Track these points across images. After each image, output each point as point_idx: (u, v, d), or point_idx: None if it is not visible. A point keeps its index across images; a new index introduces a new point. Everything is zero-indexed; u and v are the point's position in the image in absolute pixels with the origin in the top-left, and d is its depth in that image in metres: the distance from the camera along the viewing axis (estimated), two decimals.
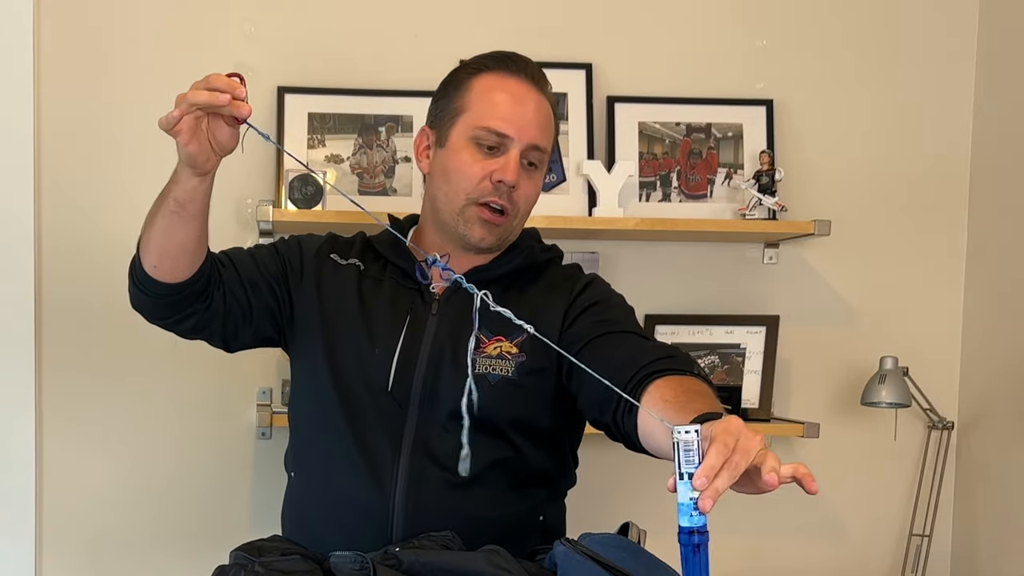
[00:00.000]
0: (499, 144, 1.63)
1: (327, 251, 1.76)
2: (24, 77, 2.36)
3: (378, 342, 1.65)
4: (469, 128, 1.64)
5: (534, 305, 1.66)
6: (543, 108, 1.67)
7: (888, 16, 2.55)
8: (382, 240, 1.76)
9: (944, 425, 2.52)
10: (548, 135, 1.67)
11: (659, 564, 1.50)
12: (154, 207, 1.61)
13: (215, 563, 1.52)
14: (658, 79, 2.51)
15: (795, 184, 2.50)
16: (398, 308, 1.67)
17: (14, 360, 2.38)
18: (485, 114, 1.64)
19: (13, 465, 2.39)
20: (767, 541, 2.59)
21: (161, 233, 1.59)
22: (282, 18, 2.44)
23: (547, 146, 1.67)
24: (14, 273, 2.38)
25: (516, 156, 1.63)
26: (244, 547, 1.55)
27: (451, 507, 1.60)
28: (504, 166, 1.62)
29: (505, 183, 1.62)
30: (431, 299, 1.68)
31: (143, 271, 1.64)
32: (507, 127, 1.62)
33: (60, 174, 2.40)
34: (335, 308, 1.70)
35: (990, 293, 2.52)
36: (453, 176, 1.66)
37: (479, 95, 1.65)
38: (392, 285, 1.70)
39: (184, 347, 2.40)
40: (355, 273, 1.72)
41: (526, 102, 1.64)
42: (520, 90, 1.65)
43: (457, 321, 1.64)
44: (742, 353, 2.50)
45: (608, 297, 1.71)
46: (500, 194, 1.63)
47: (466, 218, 1.66)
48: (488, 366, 1.62)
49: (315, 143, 2.41)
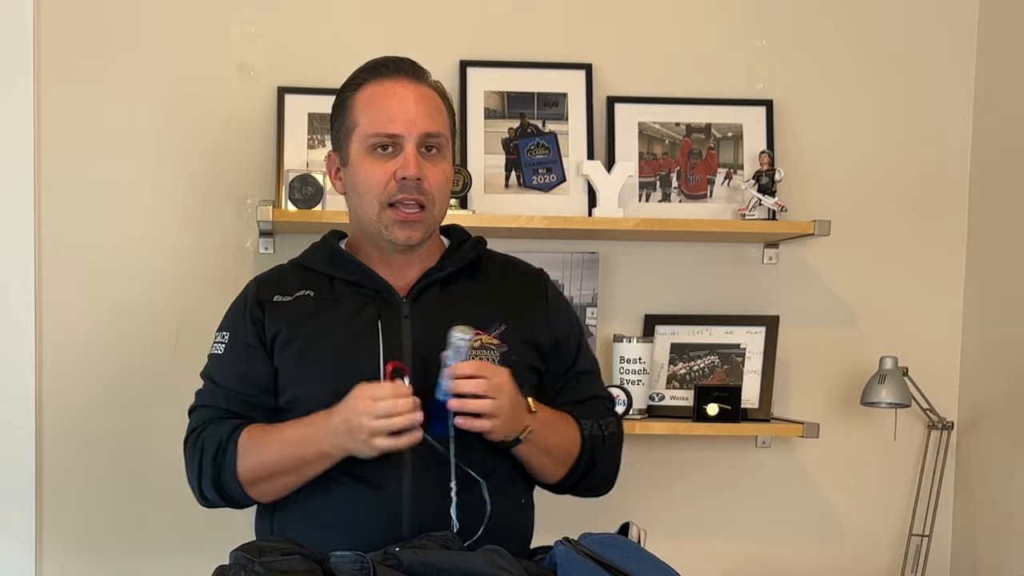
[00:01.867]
0: (393, 143, 1.68)
1: (267, 297, 1.77)
2: (24, 77, 2.36)
3: (357, 353, 1.67)
4: (363, 140, 1.70)
5: (511, 303, 1.75)
6: (425, 97, 1.70)
7: (888, 16, 2.55)
8: (318, 259, 1.79)
9: (944, 425, 2.52)
10: (438, 119, 1.71)
11: (659, 564, 1.50)
12: (274, 462, 1.68)
13: (215, 563, 1.52)
14: (658, 79, 2.51)
15: (795, 184, 2.49)
16: (365, 317, 1.70)
17: (14, 360, 2.38)
18: (373, 122, 1.69)
19: (13, 465, 2.39)
20: (767, 541, 2.59)
21: (283, 487, 1.70)
22: (282, 18, 2.44)
23: (440, 129, 1.70)
24: (14, 273, 2.38)
25: (412, 150, 1.67)
26: (244, 547, 1.54)
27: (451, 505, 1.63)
28: (404, 163, 1.66)
29: (409, 178, 1.66)
30: (398, 301, 1.71)
31: (246, 496, 1.73)
32: (395, 126, 1.67)
33: (60, 173, 2.40)
34: (305, 340, 1.71)
35: (990, 293, 2.52)
36: (361, 188, 1.70)
37: (363, 107, 1.70)
38: (349, 298, 1.73)
39: (184, 347, 2.42)
40: (309, 301, 1.74)
41: (406, 98, 1.68)
42: (398, 89, 1.69)
43: (431, 319, 1.69)
44: (742, 353, 2.50)
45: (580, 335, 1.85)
46: (408, 190, 1.67)
47: (384, 223, 1.69)
48: (474, 357, 1.64)
49: (315, 143, 2.41)
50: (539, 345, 1.75)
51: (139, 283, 2.43)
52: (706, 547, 2.56)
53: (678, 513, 2.55)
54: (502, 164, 2.45)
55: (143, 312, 2.43)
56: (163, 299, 2.43)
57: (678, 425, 2.39)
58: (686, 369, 2.50)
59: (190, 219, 2.43)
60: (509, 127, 2.46)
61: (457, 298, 1.73)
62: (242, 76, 2.43)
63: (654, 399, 2.47)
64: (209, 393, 1.79)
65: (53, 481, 2.43)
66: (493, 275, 1.80)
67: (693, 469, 2.56)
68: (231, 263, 2.43)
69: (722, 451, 2.57)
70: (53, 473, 2.43)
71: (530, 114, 2.47)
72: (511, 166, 2.46)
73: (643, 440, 2.45)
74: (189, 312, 2.42)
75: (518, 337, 1.71)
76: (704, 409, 2.37)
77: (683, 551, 1.71)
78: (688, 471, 2.56)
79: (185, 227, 2.43)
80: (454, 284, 1.75)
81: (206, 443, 1.73)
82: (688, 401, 2.44)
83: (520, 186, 2.46)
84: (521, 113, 2.47)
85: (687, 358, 2.50)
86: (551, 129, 2.47)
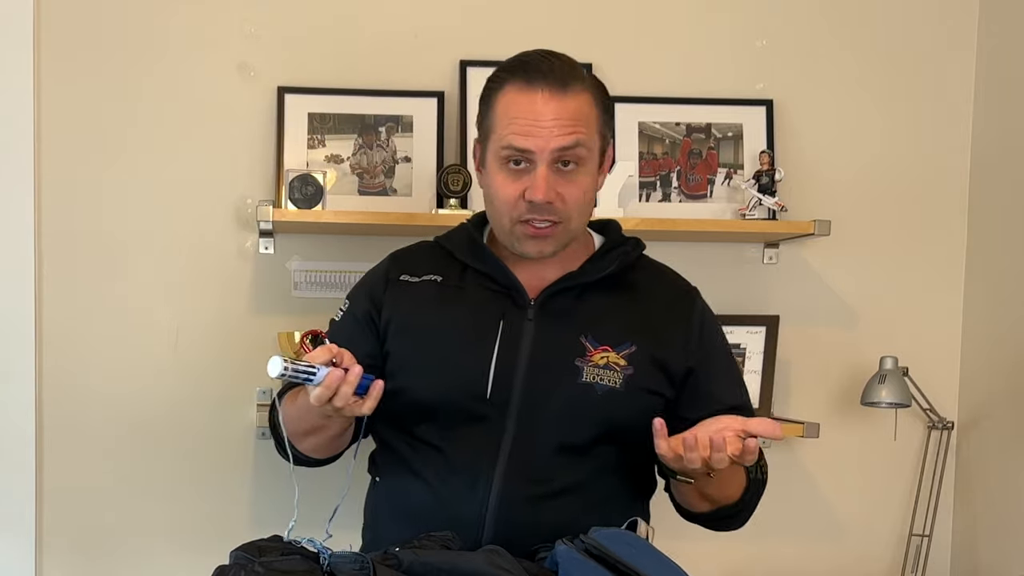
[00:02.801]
0: (524, 159, 1.59)
1: (395, 275, 1.73)
2: (24, 77, 2.36)
3: (469, 350, 1.63)
4: (496, 149, 1.61)
5: (649, 322, 1.67)
6: (566, 107, 1.58)
7: (888, 16, 2.55)
8: (457, 244, 1.74)
9: (944, 425, 2.52)
10: (578, 130, 1.58)
11: (666, 561, 1.50)
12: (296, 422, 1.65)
13: (215, 563, 1.52)
14: (658, 79, 2.51)
15: (795, 184, 2.49)
16: (488, 314, 1.65)
17: (14, 360, 2.38)
18: (506, 133, 1.59)
19: (13, 465, 2.39)
20: (767, 541, 2.59)
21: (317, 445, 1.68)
22: (282, 18, 2.44)
23: (580, 140, 1.58)
24: (14, 273, 2.38)
25: (543, 172, 1.57)
26: (244, 547, 1.54)
27: (542, 517, 1.60)
28: (533, 185, 1.58)
29: (536, 202, 1.58)
30: (525, 303, 1.66)
31: (304, 456, 1.70)
32: (527, 143, 1.57)
33: (60, 174, 2.40)
34: (420, 326, 1.67)
35: (990, 293, 2.52)
36: (494, 200, 1.64)
37: (501, 113, 1.61)
38: (476, 291, 1.68)
39: (184, 347, 2.42)
40: (433, 288, 1.70)
41: (544, 111, 1.57)
42: (537, 100, 1.58)
43: (556, 326, 1.63)
44: (742, 353, 2.50)
45: (722, 353, 1.75)
46: (537, 211, 1.59)
47: (516, 236, 1.63)
48: (595, 375, 1.61)
49: (315, 143, 2.41)
50: (670, 371, 1.66)
51: (138, 283, 2.43)
52: (706, 547, 2.55)
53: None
54: None
55: (143, 312, 2.43)
56: (163, 299, 2.43)
57: None
58: None
59: (190, 219, 2.43)
60: None
61: (589, 309, 1.66)
62: (242, 76, 2.43)
63: None
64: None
65: (53, 481, 2.43)
66: (638, 287, 1.70)
67: None
68: (231, 263, 2.43)
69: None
70: (53, 473, 2.43)
71: None
72: None
73: None
74: (189, 312, 2.42)
75: (647, 359, 1.64)
76: None
77: (683, 551, 1.70)
78: None
79: (185, 227, 2.43)
80: (592, 292, 1.67)
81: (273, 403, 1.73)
82: None
83: None
84: None
85: None
86: None
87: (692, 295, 1.77)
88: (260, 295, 2.44)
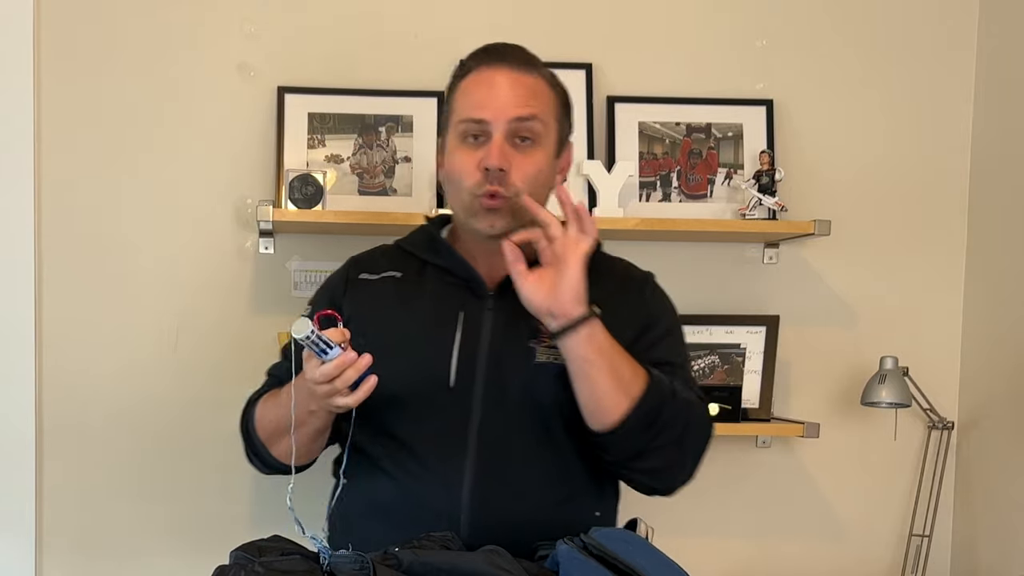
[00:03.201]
0: (481, 131, 1.63)
1: (355, 275, 1.77)
2: (24, 77, 2.36)
3: (431, 342, 1.65)
4: (455, 127, 1.66)
5: (607, 294, 1.65)
6: (521, 82, 1.64)
7: (888, 16, 2.55)
8: (416, 242, 1.78)
9: (944, 425, 2.52)
10: (532, 104, 1.63)
11: (666, 560, 1.50)
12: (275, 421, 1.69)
13: (215, 563, 1.52)
14: (658, 79, 2.51)
15: (795, 184, 2.49)
16: (447, 306, 1.68)
17: (14, 361, 2.38)
18: (463, 108, 1.65)
19: (13, 465, 2.39)
20: (767, 541, 2.59)
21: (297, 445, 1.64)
22: (282, 18, 2.44)
23: (535, 113, 1.63)
24: (14, 273, 2.38)
25: (499, 139, 1.61)
26: (244, 547, 1.54)
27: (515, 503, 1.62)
28: (488, 152, 1.61)
29: (491, 168, 1.61)
30: (484, 294, 1.69)
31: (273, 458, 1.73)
32: (482, 112, 1.62)
33: (60, 174, 2.40)
34: (380, 321, 1.69)
35: (990, 293, 2.52)
36: (454, 177, 1.67)
37: (460, 95, 1.67)
38: (436, 284, 1.71)
39: (184, 347, 2.42)
40: (393, 283, 1.73)
41: (499, 84, 1.63)
42: (494, 75, 1.64)
43: (514, 313, 1.64)
44: (742, 353, 2.50)
45: (671, 327, 1.75)
46: (491, 180, 1.61)
47: (474, 212, 1.65)
48: (549, 355, 1.63)
49: (315, 143, 2.41)
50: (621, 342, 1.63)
51: (139, 283, 2.43)
52: (706, 546, 2.56)
53: (678, 512, 2.54)
54: None
55: (143, 312, 2.43)
56: (163, 299, 2.43)
57: None
58: None
59: (190, 219, 2.43)
60: None
61: None
62: (242, 76, 2.43)
63: None
64: (275, 365, 1.82)
65: (53, 481, 2.43)
66: (593, 272, 1.69)
67: None
68: (231, 263, 2.43)
69: (722, 451, 2.56)
70: (53, 473, 2.43)
71: None
72: None
73: None
74: (189, 312, 2.42)
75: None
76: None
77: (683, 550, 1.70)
78: None
79: (185, 227, 2.43)
80: None
81: (243, 410, 1.77)
82: None
83: None
84: None
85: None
86: None
87: (647, 278, 1.79)
88: (260, 295, 2.44)
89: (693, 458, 1.68)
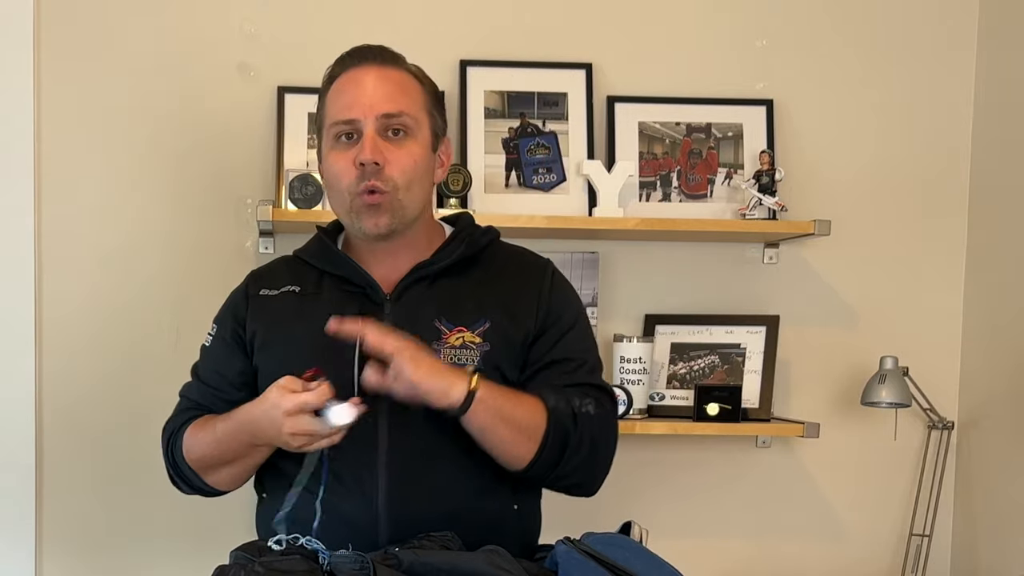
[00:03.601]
0: (353, 130, 1.63)
1: (255, 291, 1.76)
2: (24, 77, 2.36)
3: (334, 353, 1.60)
4: (328, 132, 1.67)
5: (503, 298, 1.67)
6: (386, 77, 1.65)
7: (888, 16, 2.55)
8: (312, 252, 1.76)
9: (944, 425, 2.52)
10: (401, 100, 1.64)
11: (661, 563, 1.50)
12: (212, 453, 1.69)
13: (215, 563, 1.52)
14: (658, 79, 2.51)
15: (795, 184, 2.50)
16: (346, 315, 1.62)
17: (14, 361, 2.39)
18: (333, 112, 1.66)
19: (13, 465, 2.39)
20: (767, 541, 2.59)
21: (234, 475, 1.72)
22: (282, 18, 2.44)
23: (404, 108, 1.64)
24: (14, 274, 2.38)
25: (370, 134, 1.61)
26: (244, 547, 1.54)
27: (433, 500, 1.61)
28: (360, 147, 1.62)
29: (365, 162, 1.60)
30: (381, 299, 1.68)
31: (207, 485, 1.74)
32: (350, 111, 1.63)
33: (60, 174, 2.40)
34: (282, 339, 1.69)
35: (990, 293, 2.52)
36: (332, 180, 1.67)
37: (330, 98, 1.68)
38: (333, 294, 1.70)
39: (184, 347, 2.41)
40: (292, 298, 1.72)
41: (364, 81, 1.64)
42: (358, 75, 1.65)
43: (413, 316, 1.64)
44: (742, 353, 2.50)
45: (574, 321, 1.72)
46: (368, 176, 1.61)
47: (356, 212, 1.65)
48: (453, 356, 1.62)
49: (315, 143, 2.40)
50: (524, 337, 1.66)
51: (139, 283, 2.43)
52: (706, 547, 2.56)
53: (678, 513, 2.55)
54: (502, 164, 2.45)
55: (143, 312, 2.43)
56: (163, 299, 2.43)
57: (678, 425, 2.39)
58: (686, 369, 2.50)
59: (190, 219, 2.43)
60: (509, 127, 2.46)
61: (443, 294, 1.67)
62: (242, 76, 2.43)
63: (654, 399, 2.47)
64: (187, 386, 1.81)
65: (53, 481, 2.43)
66: (492, 269, 1.72)
67: (693, 469, 2.56)
68: (231, 263, 2.43)
69: (722, 451, 2.57)
70: (53, 473, 2.43)
71: (530, 114, 2.47)
72: (511, 166, 2.46)
73: (643, 440, 2.45)
74: (189, 312, 2.42)
75: (501, 333, 1.65)
76: (704, 409, 2.37)
77: (683, 551, 1.70)
78: (688, 471, 2.56)
79: (185, 227, 2.43)
80: (444, 279, 1.68)
81: (163, 434, 1.76)
82: (688, 401, 2.44)
83: (520, 186, 2.46)
84: (521, 113, 2.47)
85: (687, 358, 2.50)
86: (551, 129, 2.47)
87: (545, 266, 1.76)
88: None
89: (606, 461, 1.70)
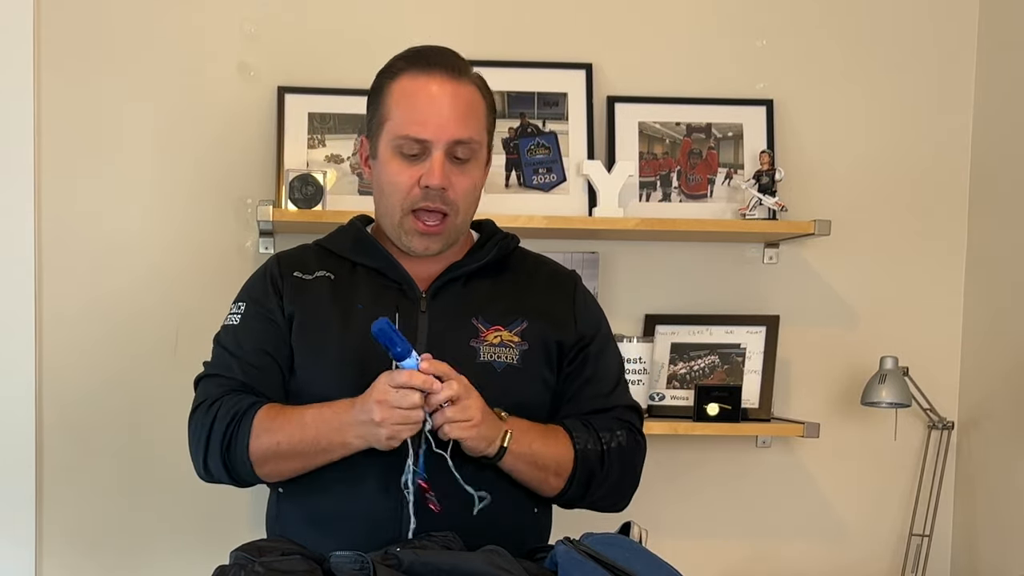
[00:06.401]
0: (421, 150, 1.62)
1: (287, 271, 1.73)
2: (24, 77, 2.36)
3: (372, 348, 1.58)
4: (391, 138, 1.64)
5: (537, 301, 1.70)
6: (461, 98, 1.63)
7: (888, 16, 2.55)
8: (341, 244, 1.75)
9: (944, 425, 2.52)
10: (472, 125, 1.64)
11: (660, 564, 1.50)
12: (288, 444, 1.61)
13: (215, 563, 1.52)
14: (658, 79, 2.51)
15: (795, 184, 2.50)
16: (382, 309, 1.63)
17: (14, 361, 2.39)
18: (403, 122, 1.62)
19: (13, 465, 2.39)
20: (767, 541, 2.59)
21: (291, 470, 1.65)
22: (282, 18, 2.44)
23: (473, 136, 1.63)
24: (14, 274, 2.38)
25: (440, 158, 1.61)
26: (244, 547, 1.54)
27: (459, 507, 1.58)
28: (429, 171, 1.61)
29: (432, 188, 1.61)
30: (417, 296, 1.68)
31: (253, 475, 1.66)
32: (424, 131, 1.61)
33: (60, 173, 2.40)
34: (321, 325, 1.67)
35: (990, 293, 2.52)
36: (386, 189, 1.66)
37: (396, 102, 1.64)
38: (369, 286, 1.69)
39: (184, 348, 2.42)
40: (327, 284, 1.70)
41: (441, 100, 1.61)
42: (434, 88, 1.62)
43: (448, 314, 1.66)
44: (742, 353, 2.50)
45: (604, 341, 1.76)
46: (431, 198, 1.62)
47: (405, 230, 1.66)
48: (492, 354, 1.64)
49: (315, 143, 2.41)
50: (562, 344, 1.69)
51: (139, 283, 2.43)
52: (706, 547, 2.56)
53: (678, 513, 2.55)
54: (502, 164, 2.45)
55: (143, 312, 2.43)
56: (163, 299, 2.43)
57: (678, 425, 2.39)
58: (686, 369, 2.50)
59: (190, 219, 2.43)
60: (509, 127, 2.46)
61: (478, 294, 1.69)
62: (242, 76, 2.43)
63: (654, 399, 2.47)
64: (224, 364, 1.70)
65: (53, 481, 2.43)
66: (520, 273, 1.74)
67: (693, 469, 2.56)
68: (231, 263, 2.43)
69: (722, 451, 2.57)
70: (53, 473, 2.43)
71: (530, 114, 2.47)
72: (511, 166, 2.46)
73: None
74: (189, 312, 2.42)
75: (539, 334, 1.67)
76: (704, 409, 2.37)
77: (683, 551, 1.71)
78: (688, 471, 2.56)
79: (185, 227, 2.43)
80: (477, 280, 1.70)
81: (219, 414, 1.64)
82: (688, 401, 2.44)
83: (520, 186, 2.46)
84: (521, 113, 2.47)
85: (687, 358, 2.50)
86: (551, 129, 2.47)
87: (573, 277, 1.80)
88: None
89: (634, 481, 1.76)
